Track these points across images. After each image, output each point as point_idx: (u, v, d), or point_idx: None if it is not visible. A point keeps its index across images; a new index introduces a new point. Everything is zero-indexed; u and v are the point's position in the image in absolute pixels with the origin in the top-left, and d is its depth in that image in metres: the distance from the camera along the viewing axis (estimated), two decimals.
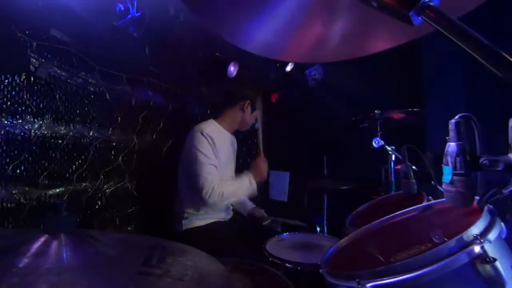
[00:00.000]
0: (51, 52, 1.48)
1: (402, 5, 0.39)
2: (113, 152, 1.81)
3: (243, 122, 1.89)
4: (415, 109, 1.72)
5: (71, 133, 1.57)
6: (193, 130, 1.74)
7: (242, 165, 2.77)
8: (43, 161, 1.46)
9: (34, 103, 1.42)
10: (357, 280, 0.62)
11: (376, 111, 1.81)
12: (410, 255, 0.59)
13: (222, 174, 1.74)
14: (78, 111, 1.61)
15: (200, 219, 1.74)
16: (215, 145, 1.69)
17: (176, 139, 2.16)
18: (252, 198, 1.96)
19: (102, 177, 1.74)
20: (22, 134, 1.38)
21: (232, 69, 2.18)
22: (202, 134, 1.68)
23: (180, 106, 2.27)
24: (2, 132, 1.32)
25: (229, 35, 0.61)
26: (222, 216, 1.82)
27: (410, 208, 0.93)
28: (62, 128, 1.54)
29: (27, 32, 1.38)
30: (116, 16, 1.62)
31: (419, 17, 0.38)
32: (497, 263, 0.54)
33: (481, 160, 0.57)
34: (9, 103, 1.34)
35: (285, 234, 1.57)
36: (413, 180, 1.07)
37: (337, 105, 2.54)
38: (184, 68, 2.21)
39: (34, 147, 1.42)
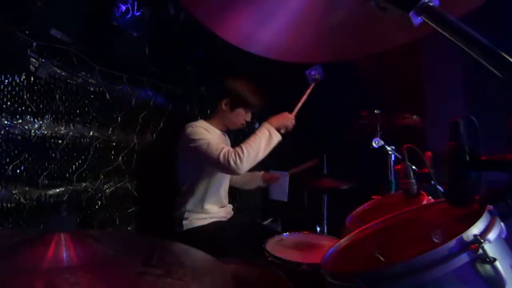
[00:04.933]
0: (51, 52, 1.48)
1: (402, 5, 0.39)
2: (113, 152, 1.81)
3: (229, 121, 1.83)
4: (415, 109, 1.72)
5: (71, 133, 1.57)
6: (183, 129, 1.73)
7: None
8: (43, 161, 1.46)
9: (34, 103, 1.42)
10: (357, 280, 0.61)
11: (376, 111, 1.82)
12: (410, 255, 0.59)
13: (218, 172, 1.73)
14: (78, 111, 1.61)
15: (200, 219, 1.74)
16: (210, 133, 1.68)
17: (176, 139, 2.16)
18: (251, 199, 1.96)
19: (102, 177, 1.74)
20: (22, 134, 1.38)
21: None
22: (193, 127, 1.67)
23: (180, 106, 2.27)
24: (2, 132, 1.32)
25: (229, 35, 0.61)
26: (222, 215, 1.83)
27: (410, 208, 0.92)
28: (62, 128, 1.54)
29: (27, 32, 1.38)
30: (116, 16, 1.62)
31: (419, 17, 0.38)
32: (497, 263, 0.54)
33: (481, 160, 0.57)
34: (9, 103, 1.34)
35: (285, 234, 1.57)
36: (413, 180, 1.07)
37: (337, 104, 2.54)
38: (184, 68, 2.21)
39: (34, 147, 1.42)
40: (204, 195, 1.74)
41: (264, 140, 1.53)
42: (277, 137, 1.57)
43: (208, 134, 1.67)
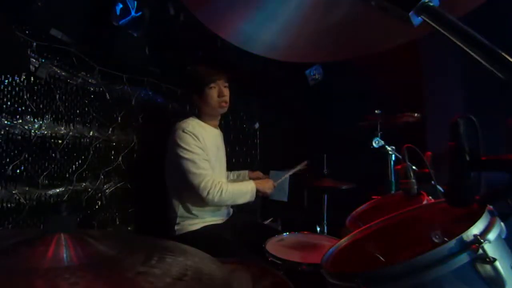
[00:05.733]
0: (51, 52, 1.48)
1: (402, 5, 0.39)
2: (113, 152, 1.81)
3: (209, 108, 1.77)
4: (415, 110, 1.72)
5: (71, 133, 1.57)
6: (173, 129, 1.69)
7: (242, 164, 2.78)
8: (43, 161, 1.46)
9: (34, 103, 1.42)
10: (357, 280, 0.61)
11: (376, 111, 1.82)
12: (410, 255, 0.59)
13: (213, 170, 1.70)
14: (78, 111, 1.61)
15: (192, 224, 1.69)
16: (199, 140, 1.64)
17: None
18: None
19: (102, 177, 1.74)
20: (22, 134, 1.38)
21: None
22: (184, 131, 1.63)
23: (180, 106, 2.27)
24: (2, 132, 1.32)
25: (229, 35, 0.61)
26: (216, 218, 1.78)
27: (410, 208, 0.92)
28: (62, 128, 1.54)
29: (27, 32, 1.38)
30: (116, 16, 1.62)
31: (419, 17, 0.38)
32: (497, 263, 0.54)
33: (481, 160, 0.57)
34: (9, 103, 1.34)
35: (285, 234, 1.57)
36: (413, 180, 1.07)
37: (337, 105, 2.54)
38: (184, 68, 2.21)
39: (34, 147, 1.42)
40: (195, 201, 1.68)
41: (245, 194, 1.71)
42: (251, 198, 1.73)
43: (197, 146, 1.62)
